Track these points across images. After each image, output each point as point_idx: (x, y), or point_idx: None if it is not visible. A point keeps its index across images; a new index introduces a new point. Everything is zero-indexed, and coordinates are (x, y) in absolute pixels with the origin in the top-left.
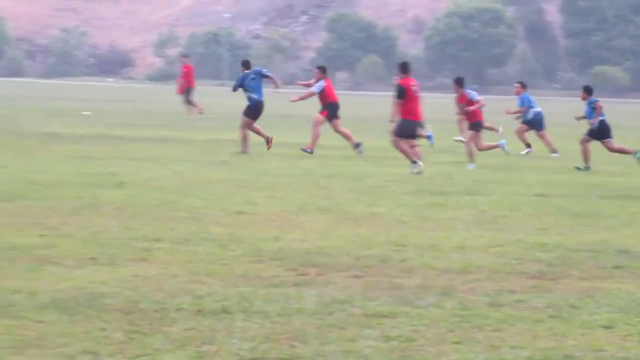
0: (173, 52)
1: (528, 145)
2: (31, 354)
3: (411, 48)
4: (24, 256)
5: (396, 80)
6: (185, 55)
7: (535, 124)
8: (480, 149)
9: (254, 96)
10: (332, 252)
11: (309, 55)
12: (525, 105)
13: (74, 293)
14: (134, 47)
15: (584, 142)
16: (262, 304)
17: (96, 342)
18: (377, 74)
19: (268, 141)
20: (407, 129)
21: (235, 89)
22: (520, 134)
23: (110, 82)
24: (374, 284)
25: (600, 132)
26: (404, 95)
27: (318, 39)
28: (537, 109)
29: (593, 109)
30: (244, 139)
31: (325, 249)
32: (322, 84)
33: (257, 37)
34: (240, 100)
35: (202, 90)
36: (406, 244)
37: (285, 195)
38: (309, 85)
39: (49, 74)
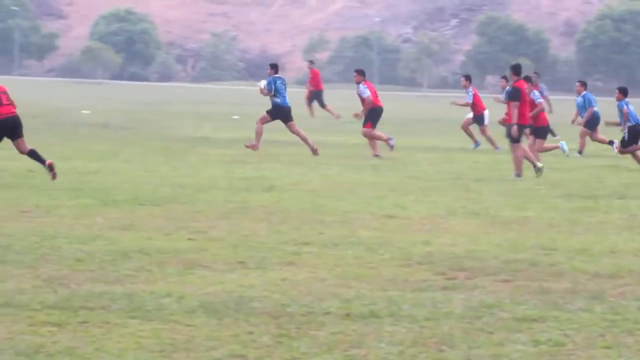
0: (323, 56)
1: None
2: (179, 357)
3: (562, 51)
4: (173, 260)
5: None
6: (311, 61)
7: (589, 123)
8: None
9: (278, 100)
10: (481, 256)
11: (459, 58)
12: (586, 105)
13: (223, 297)
14: (284, 51)
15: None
16: (410, 308)
17: (244, 346)
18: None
19: (252, 147)
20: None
21: (272, 92)
22: (582, 136)
23: (259, 85)
24: (522, 288)
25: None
26: (520, 98)
27: (468, 42)
28: (595, 108)
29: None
30: (258, 135)
31: (474, 253)
32: (364, 87)
33: (407, 40)
34: (390, 105)
35: (352, 94)
36: (556, 248)
37: (435, 199)
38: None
39: (199, 78)
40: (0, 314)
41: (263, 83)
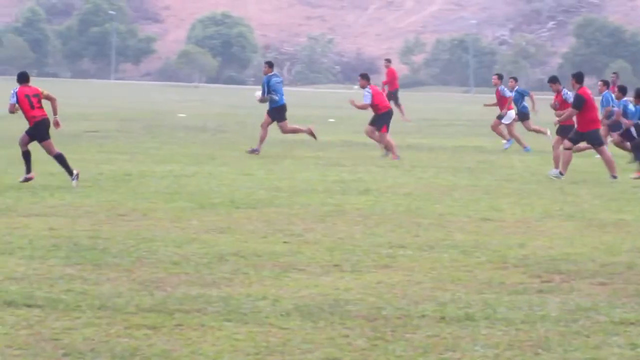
0: (419, 58)
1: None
2: None
3: None
4: (268, 263)
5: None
6: (387, 60)
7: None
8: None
9: (276, 98)
10: (577, 259)
11: (556, 61)
12: (609, 104)
13: (318, 300)
14: (380, 54)
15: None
16: (506, 311)
17: (339, 349)
18: (624, 80)
19: (311, 133)
20: (596, 138)
21: (266, 94)
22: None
23: (356, 89)
24: (619, 291)
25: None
26: (583, 106)
27: (565, 45)
28: (615, 108)
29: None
30: (262, 139)
31: (570, 256)
32: (368, 92)
33: (503, 43)
34: (486, 107)
35: (447, 97)
36: None
37: (531, 202)
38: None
39: (295, 81)
40: (97, 316)
41: (259, 94)
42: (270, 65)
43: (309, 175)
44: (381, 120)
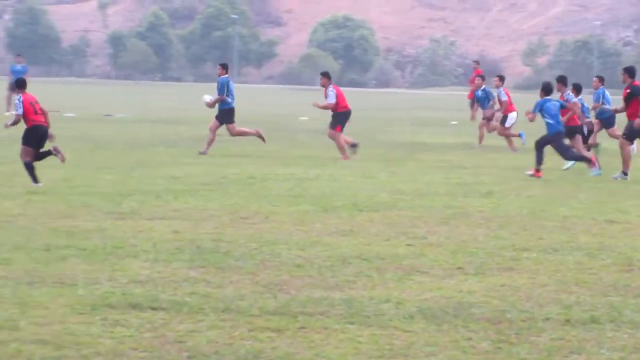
0: (542, 60)
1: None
2: None
3: None
4: (391, 265)
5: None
6: (476, 61)
7: (605, 122)
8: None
9: (230, 100)
10: None
11: None
12: (599, 101)
13: (441, 302)
14: (503, 56)
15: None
16: (632, 314)
17: (462, 352)
18: None
19: (259, 135)
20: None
21: (224, 95)
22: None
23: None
24: None
25: None
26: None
27: None
28: (607, 106)
29: None
30: (210, 142)
31: None
32: (332, 91)
33: (628, 44)
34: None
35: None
36: None
37: None
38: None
39: (417, 84)
40: (220, 319)
41: (208, 97)
42: (223, 67)
43: (432, 177)
44: (337, 118)
